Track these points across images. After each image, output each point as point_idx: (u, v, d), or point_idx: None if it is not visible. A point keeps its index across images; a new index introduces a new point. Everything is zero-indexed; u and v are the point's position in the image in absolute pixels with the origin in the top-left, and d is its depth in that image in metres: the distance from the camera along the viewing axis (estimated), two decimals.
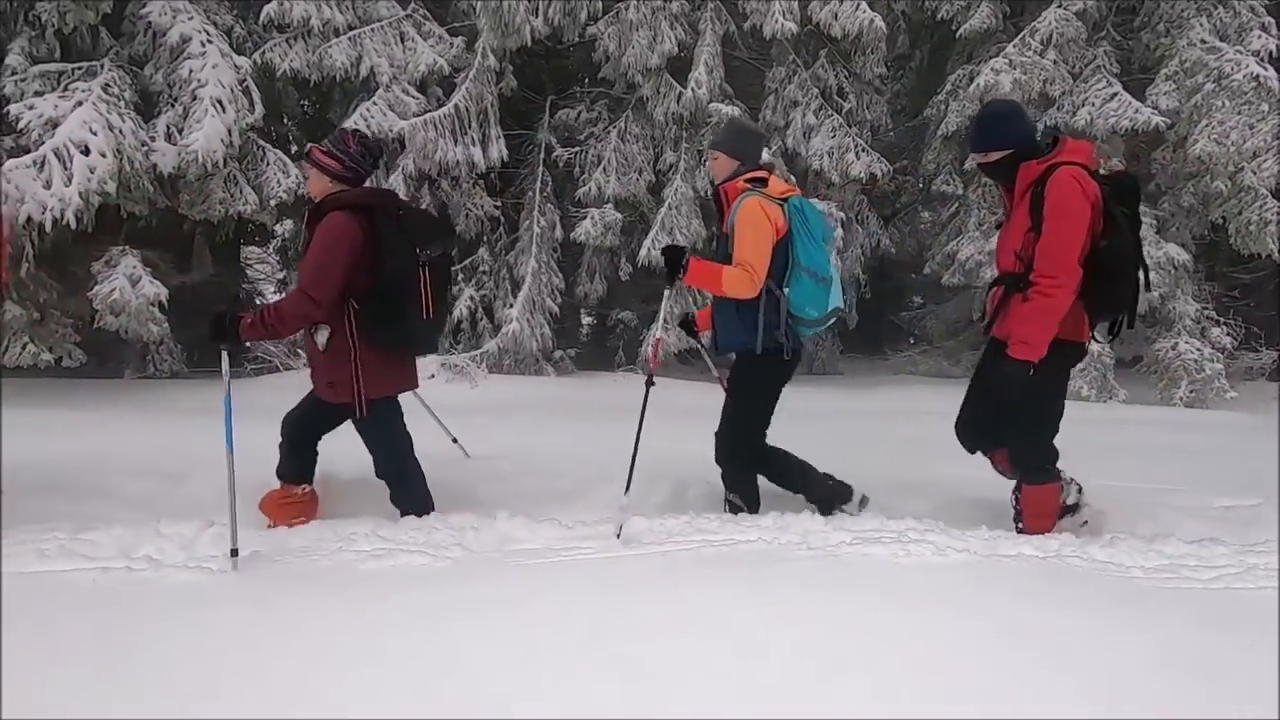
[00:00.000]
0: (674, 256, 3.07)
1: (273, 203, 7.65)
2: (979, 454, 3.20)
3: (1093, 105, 7.85)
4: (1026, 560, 2.43)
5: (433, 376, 7.70)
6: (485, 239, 9.21)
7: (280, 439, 3.04)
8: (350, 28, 8.34)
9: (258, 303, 10.70)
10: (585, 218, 8.88)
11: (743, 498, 3.19)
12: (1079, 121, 7.91)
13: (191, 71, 7.17)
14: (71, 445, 3.87)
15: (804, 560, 2.30)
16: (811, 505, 3.20)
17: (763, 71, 10.63)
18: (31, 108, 6.44)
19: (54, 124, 6.45)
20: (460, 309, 8.58)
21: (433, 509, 3.00)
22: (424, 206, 8.45)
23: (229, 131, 7.10)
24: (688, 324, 3.62)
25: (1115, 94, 7.80)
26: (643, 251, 8.67)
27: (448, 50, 8.68)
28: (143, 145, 6.85)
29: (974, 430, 3.17)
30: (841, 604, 1.95)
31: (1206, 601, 2.08)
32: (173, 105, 7.23)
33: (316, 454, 3.08)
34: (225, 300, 8.47)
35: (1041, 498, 3.02)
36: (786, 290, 3.02)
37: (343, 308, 2.81)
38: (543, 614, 1.90)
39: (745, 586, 2.04)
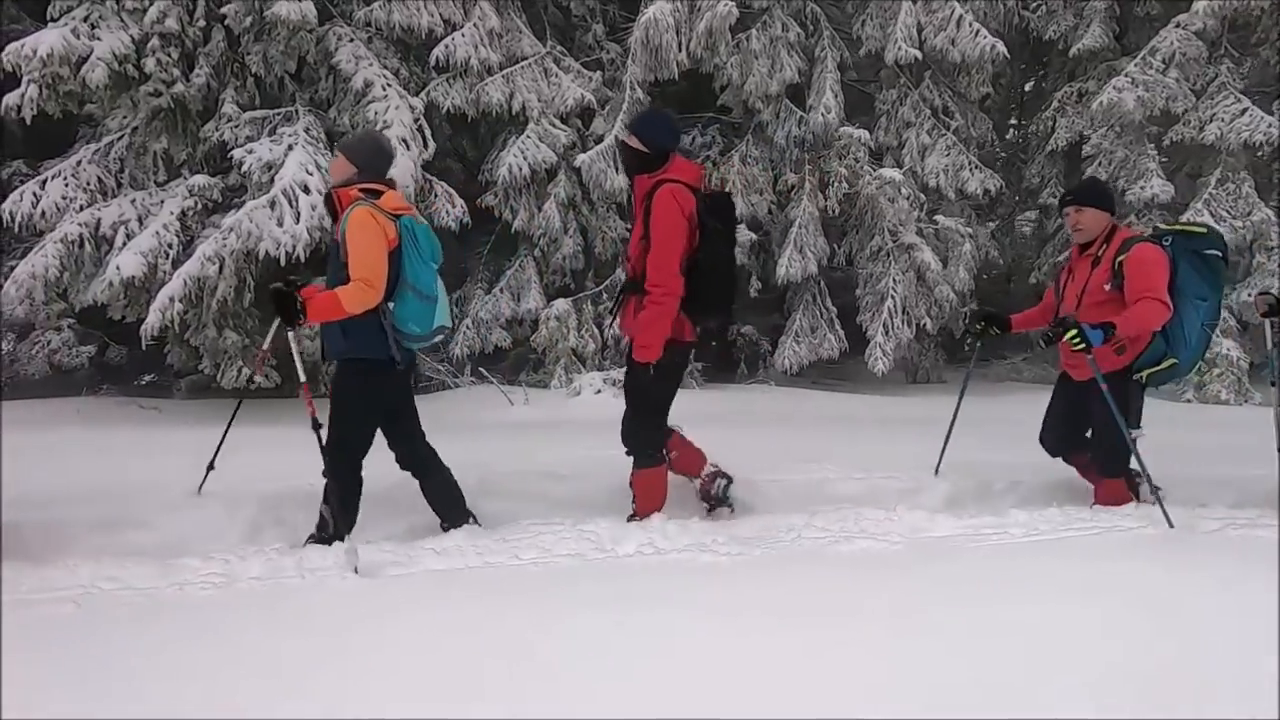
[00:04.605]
0: (286, 302, 2.93)
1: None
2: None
3: (1222, 121, 8.21)
4: None
5: (599, 392, 8.16)
6: (620, 260, 9.71)
7: None
8: (501, 66, 8.91)
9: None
10: None
11: (335, 512, 2.99)
12: (1208, 137, 8.28)
13: (376, 114, 7.73)
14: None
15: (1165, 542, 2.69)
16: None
17: (864, 93, 11.11)
18: (251, 152, 7.01)
19: (269, 165, 7.02)
20: (609, 329, 9.05)
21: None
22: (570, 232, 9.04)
23: (414, 166, 7.66)
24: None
25: (1245, 109, 8.16)
26: (780, 269, 9.18)
27: (588, 84, 9.23)
28: None
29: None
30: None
31: None
32: None
33: None
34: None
35: (652, 480, 3.36)
36: (391, 305, 3.06)
37: None
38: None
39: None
